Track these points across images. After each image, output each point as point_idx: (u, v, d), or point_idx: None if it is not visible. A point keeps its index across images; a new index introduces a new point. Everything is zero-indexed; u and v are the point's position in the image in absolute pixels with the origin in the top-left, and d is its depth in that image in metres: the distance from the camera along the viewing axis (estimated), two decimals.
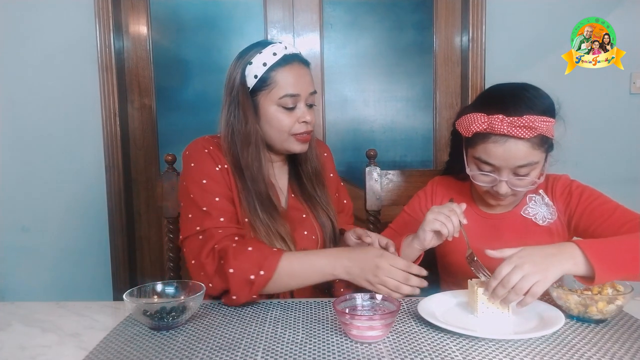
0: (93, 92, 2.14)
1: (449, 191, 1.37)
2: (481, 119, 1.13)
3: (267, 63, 1.21)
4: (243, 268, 1.06)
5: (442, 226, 1.12)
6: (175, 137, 2.28)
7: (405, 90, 2.31)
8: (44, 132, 2.17)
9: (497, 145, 1.13)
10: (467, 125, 1.17)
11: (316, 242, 1.29)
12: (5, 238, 2.21)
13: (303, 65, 1.26)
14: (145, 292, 1.03)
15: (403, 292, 1.05)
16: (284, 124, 1.22)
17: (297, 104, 1.23)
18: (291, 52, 1.25)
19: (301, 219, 1.30)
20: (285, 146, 1.25)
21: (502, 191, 1.17)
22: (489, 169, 1.17)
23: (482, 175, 1.19)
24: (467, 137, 1.19)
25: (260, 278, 1.06)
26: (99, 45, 2.12)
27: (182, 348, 0.89)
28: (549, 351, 0.85)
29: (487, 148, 1.15)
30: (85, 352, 0.88)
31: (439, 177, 1.43)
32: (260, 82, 1.22)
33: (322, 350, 0.86)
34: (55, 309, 1.09)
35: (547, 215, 1.26)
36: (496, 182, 1.17)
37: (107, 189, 2.18)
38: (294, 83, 1.22)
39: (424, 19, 2.28)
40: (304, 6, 2.21)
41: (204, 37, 2.26)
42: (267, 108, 1.23)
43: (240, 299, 1.07)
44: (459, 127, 1.21)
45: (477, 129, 1.14)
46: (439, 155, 2.32)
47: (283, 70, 1.21)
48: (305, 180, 1.33)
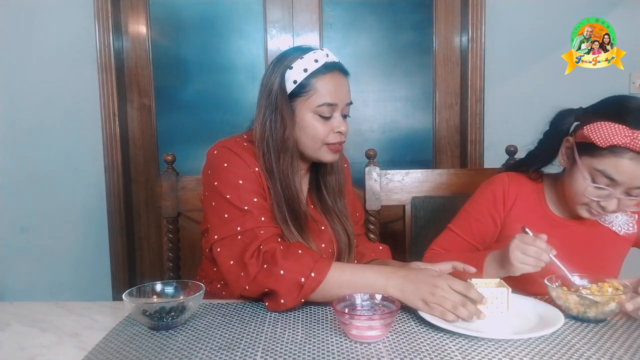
0: (92, 92, 2.14)
1: (521, 188, 1.28)
2: (624, 132, 1.05)
3: (308, 69, 1.18)
4: (294, 270, 1.02)
5: (534, 269, 1.05)
6: (175, 137, 2.28)
7: (405, 90, 2.31)
8: (43, 132, 2.17)
9: (632, 163, 1.06)
10: (607, 135, 1.06)
11: (332, 255, 1.28)
12: (5, 238, 2.21)
13: (343, 75, 1.24)
14: (144, 292, 1.03)
15: (460, 314, 0.95)
16: (319, 133, 1.20)
17: (333, 114, 1.21)
18: (332, 60, 1.23)
19: (320, 231, 1.27)
20: (318, 155, 1.23)
21: (610, 208, 1.11)
22: (606, 183, 1.09)
23: (596, 189, 1.11)
24: (591, 144, 1.09)
25: (310, 281, 1.01)
26: (99, 45, 2.12)
27: (182, 348, 0.88)
28: (549, 351, 0.85)
29: (619, 163, 1.06)
30: (85, 352, 0.88)
31: (508, 175, 1.31)
32: (299, 87, 1.18)
33: (321, 350, 0.86)
34: (55, 309, 1.09)
35: (625, 225, 1.22)
36: (608, 197, 1.10)
37: (107, 189, 2.18)
38: (333, 92, 1.20)
39: (423, 19, 2.28)
40: (304, 6, 2.21)
41: (204, 37, 2.26)
42: (303, 115, 1.20)
43: (288, 303, 1.02)
44: (593, 134, 1.08)
45: (618, 142, 1.05)
46: (439, 155, 2.32)
47: (323, 78, 1.19)
48: (327, 192, 1.31)
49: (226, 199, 1.13)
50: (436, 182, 1.64)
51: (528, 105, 2.09)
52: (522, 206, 1.27)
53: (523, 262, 1.04)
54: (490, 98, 2.18)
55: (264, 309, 1.08)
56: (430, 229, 1.57)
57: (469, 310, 0.95)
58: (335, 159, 1.26)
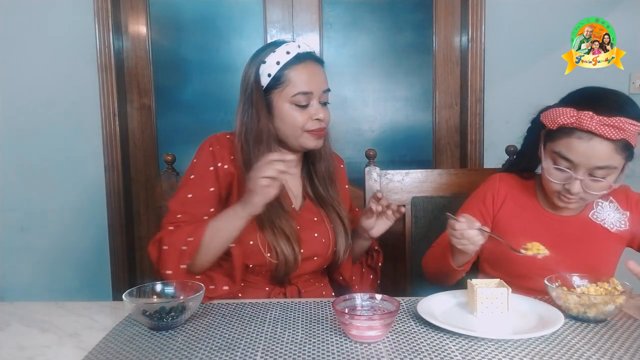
0: (92, 92, 2.14)
1: (512, 187, 1.33)
2: (570, 112, 1.12)
3: (281, 62, 1.23)
4: (174, 242, 1.14)
5: (469, 246, 1.10)
6: (175, 137, 2.28)
7: (405, 90, 2.31)
8: (43, 132, 2.17)
9: (581, 142, 1.11)
10: (555, 117, 1.14)
11: (327, 246, 1.29)
12: (5, 238, 2.21)
13: (317, 63, 1.27)
14: (144, 292, 1.03)
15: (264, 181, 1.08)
16: (298, 121, 1.23)
17: (310, 102, 1.24)
18: (305, 50, 1.26)
19: (312, 222, 1.30)
20: (300, 142, 1.26)
21: (574, 190, 1.14)
22: (566, 165, 1.14)
23: (557, 171, 1.16)
24: (549, 130, 1.17)
25: (190, 245, 1.12)
26: (99, 45, 2.12)
27: (182, 348, 0.88)
28: (549, 351, 0.85)
29: (570, 143, 1.12)
30: (85, 352, 0.88)
31: (500, 175, 1.36)
32: (273, 80, 1.23)
33: (321, 350, 0.86)
34: (55, 309, 1.09)
35: (617, 223, 1.24)
36: (570, 180, 1.14)
37: (107, 189, 2.18)
38: (307, 81, 1.23)
39: (423, 19, 2.28)
40: (304, 6, 2.21)
41: (204, 37, 2.26)
42: (280, 106, 1.24)
43: (174, 273, 1.13)
44: (544, 118, 1.18)
45: (565, 121, 1.12)
46: (438, 155, 2.32)
47: (296, 69, 1.23)
48: (318, 180, 1.34)
49: (178, 189, 1.27)
50: (436, 182, 1.64)
51: (528, 105, 2.08)
52: (513, 205, 1.30)
53: (457, 244, 1.11)
54: (490, 98, 2.18)
55: (264, 309, 1.08)
56: (430, 229, 1.57)
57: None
58: (319, 145, 1.28)
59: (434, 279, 1.33)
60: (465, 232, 1.09)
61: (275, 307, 1.09)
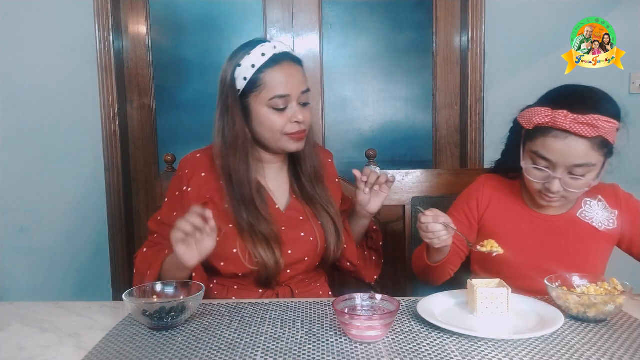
0: (92, 92, 2.14)
1: (497, 188, 1.33)
2: (545, 112, 1.13)
3: (256, 65, 1.19)
4: (139, 267, 1.22)
5: (435, 240, 1.12)
6: (175, 136, 2.28)
7: (405, 90, 2.31)
8: (44, 132, 2.17)
9: (557, 141, 1.12)
10: (530, 117, 1.15)
11: (315, 244, 1.28)
12: (5, 238, 2.21)
13: (294, 63, 1.24)
14: (144, 292, 1.03)
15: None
16: (276, 125, 1.21)
17: (288, 104, 1.21)
18: (281, 50, 1.23)
19: (298, 221, 1.28)
20: (280, 146, 1.24)
21: (553, 189, 1.15)
22: (545, 165, 1.15)
23: (537, 170, 1.17)
24: (527, 130, 1.18)
25: (149, 277, 1.16)
26: (99, 45, 2.12)
27: (182, 348, 0.88)
28: (549, 351, 0.85)
29: (546, 142, 1.13)
30: (85, 352, 0.88)
31: (486, 176, 1.38)
32: (250, 84, 1.20)
33: (321, 350, 0.86)
34: (55, 309, 1.09)
35: (605, 221, 1.24)
36: (549, 179, 1.15)
37: (107, 189, 2.18)
38: (283, 83, 1.20)
39: (423, 19, 2.28)
40: (304, 6, 2.21)
41: (204, 37, 2.26)
42: (258, 110, 1.22)
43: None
44: (521, 119, 1.19)
45: (540, 121, 1.13)
46: (439, 155, 2.32)
47: (272, 71, 1.20)
48: (305, 180, 1.32)
49: (158, 210, 1.32)
50: (436, 182, 1.64)
51: None
52: (499, 206, 1.31)
53: (425, 238, 1.14)
54: (490, 98, 2.18)
55: (264, 309, 1.08)
56: None
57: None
58: (300, 148, 1.27)
59: (420, 277, 1.35)
60: (430, 225, 1.11)
61: (275, 307, 1.09)
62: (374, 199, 1.30)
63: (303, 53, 2.21)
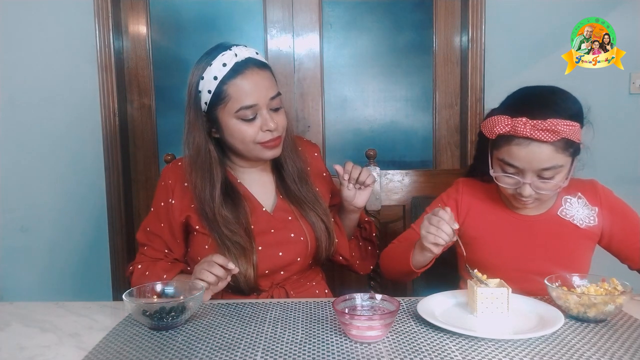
0: (92, 92, 2.14)
1: (475, 193, 1.33)
2: (505, 121, 1.13)
3: (218, 76, 1.16)
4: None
5: (437, 238, 1.09)
6: (175, 136, 2.25)
7: (405, 90, 2.31)
8: (44, 131, 2.17)
9: (520, 148, 1.12)
10: (491, 127, 1.16)
11: (305, 244, 1.27)
12: (4, 238, 2.21)
13: (258, 69, 1.19)
14: (144, 292, 1.03)
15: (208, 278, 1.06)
16: (247, 135, 1.19)
17: (257, 113, 1.18)
18: (243, 57, 1.18)
19: (287, 222, 1.27)
20: (255, 155, 1.23)
21: (525, 193, 1.15)
22: (513, 171, 1.16)
23: (506, 177, 1.17)
24: (492, 139, 1.18)
25: None
26: (99, 45, 2.12)
27: (182, 348, 0.89)
28: (549, 351, 0.85)
29: (510, 150, 1.14)
30: (85, 352, 0.88)
31: (464, 179, 1.38)
32: (214, 96, 1.17)
33: (321, 350, 0.86)
34: (54, 309, 1.09)
35: (586, 219, 1.24)
36: (520, 184, 1.15)
37: (107, 188, 2.18)
38: (249, 93, 1.16)
39: (423, 19, 2.28)
40: (304, 6, 2.21)
41: (204, 37, 2.26)
42: (227, 122, 1.19)
43: None
44: (483, 128, 1.20)
45: (501, 130, 1.13)
46: (438, 155, 2.32)
47: (235, 82, 1.16)
48: (289, 181, 1.30)
49: (144, 221, 1.33)
50: (436, 182, 1.65)
51: None
52: (479, 210, 1.30)
53: (426, 229, 1.10)
54: (490, 98, 2.18)
55: (264, 309, 1.08)
56: None
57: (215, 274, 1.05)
58: (276, 154, 1.25)
59: (390, 274, 1.34)
60: (443, 223, 1.08)
61: (275, 307, 1.09)
62: (359, 194, 1.29)
63: (303, 53, 2.21)
